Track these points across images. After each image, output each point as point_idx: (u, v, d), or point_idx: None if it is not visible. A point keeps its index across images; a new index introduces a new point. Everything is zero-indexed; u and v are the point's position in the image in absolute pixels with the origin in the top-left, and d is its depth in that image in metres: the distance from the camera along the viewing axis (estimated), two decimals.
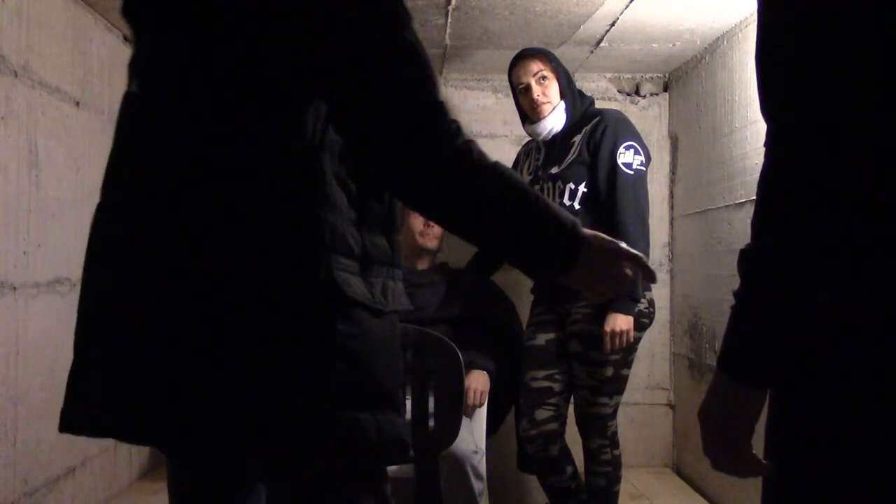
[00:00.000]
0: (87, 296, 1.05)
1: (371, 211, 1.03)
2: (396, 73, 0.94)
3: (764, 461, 0.87)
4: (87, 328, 1.04)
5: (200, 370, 0.94)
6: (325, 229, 0.96)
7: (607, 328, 2.30)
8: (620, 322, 2.30)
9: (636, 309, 2.36)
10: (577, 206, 2.41)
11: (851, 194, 0.77)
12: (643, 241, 2.35)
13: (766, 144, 0.83)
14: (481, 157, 0.99)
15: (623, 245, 1.08)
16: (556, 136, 2.47)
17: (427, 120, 0.95)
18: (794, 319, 0.81)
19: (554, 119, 2.44)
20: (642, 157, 2.40)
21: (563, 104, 2.44)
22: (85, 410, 1.02)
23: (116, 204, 1.03)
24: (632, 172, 2.36)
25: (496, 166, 1.00)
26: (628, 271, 1.09)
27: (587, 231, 1.05)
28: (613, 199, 2.35)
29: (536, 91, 2.42)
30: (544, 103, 2.43)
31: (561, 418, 2.48)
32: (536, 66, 2.43)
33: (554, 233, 1.01)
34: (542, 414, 2.43)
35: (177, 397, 0.95)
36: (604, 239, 1.07)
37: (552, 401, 2.45)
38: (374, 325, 1.01)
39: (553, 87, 2.43)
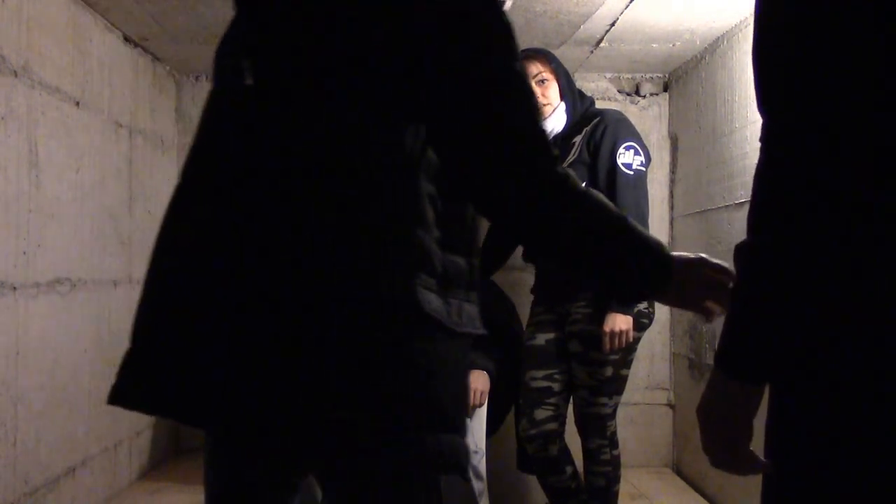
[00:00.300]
0: (157, 276, 1.04)
1: (453, 232, 1.04)
2: (505, 105, 0.97)
3: (762, 459, 0.87)
4: (152, 310, 1.03)
5: (272, 367, 0.94)
6: (414, 245, 0.97)
7: (606, 328, 2.30)
8: (619, 322, 2.30)
9: (636, 309, 2.36)
10: None
11: (851, 194, 0.77)
12: None
13: (761, 139, 0.83)
14: (576, 184, 1.01)
15: (705, 256, 1.10)
16: (556, 136, 2.47)
17: (531, 152, 0.98)
18: (793, 318, 0.81)
19: (554, 120, 2.44)
20: (642, 158, 2.40)
21: (563, 105, 2.44)
22: (138, 388, 1.03)
23: (203, 192, 1.03)
24: (631, 173, 2.36)
25: (588, 194, 1.04)
26: (723, 281, 1.09)
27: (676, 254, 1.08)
28: (613, 200, 2.34)
29: (536, 93, 2.42)
30: (544, 105, 2.43)
31: (560, 418, 2.48)
32: (536, 68, 2.43)
33: (646, 257, 1.04)
34: (541, 414, 2.44)
35: (247, 391, 0.95)
36: (687, 256, 1.10)
37: (551, 401, 2.45)
38: (447, 345, 1.01)
39: (553, 89, 2.43)
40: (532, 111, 0.99)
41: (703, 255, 1.11)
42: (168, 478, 3.10)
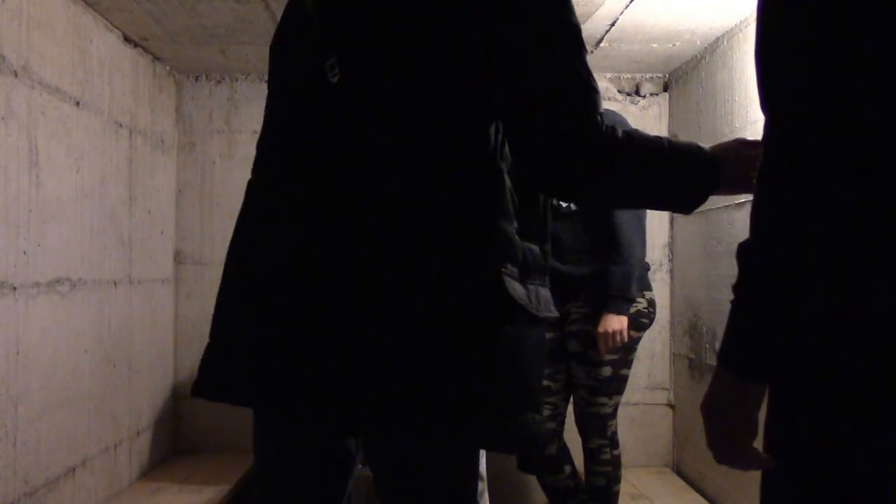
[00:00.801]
0: (240, 268, 1.09)
1: (528, 221, 1.11)
2: (568, 101, 1.04)
3: (765, 455, 0.87)
4: (239, 303, 1.08)
5: (374, 355, 0.99)
6: (502, 237, 1.04)
7: (601, 329, 2.31)
8: (613, 322, 2.30)
9: (635, 309, 2.37)
10: (573, 207, 2.42)
11: (851, 194, 0.77)
12: (638, 243, 2.35)
13: (763, 140, 0.83)
14: (621, 146, 1.07)
15: (740, 138, 1.17)
16: None
17: (589, 141, 1.05)
18: (794, 316, 0.82)
19: None
20: None
21: None
22: (234, 380, 1.07)
23: (288, 185, 1.07)
24: None
25: (632, 140, 1.09)
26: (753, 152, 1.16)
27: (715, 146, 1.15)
28: None
29: None
30: None
31: (559, 417, 2.48)
32: None
33: (693, 168, 1.11)
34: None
35: (350, 381, 0.99)
36: (725, 145, 1.16)
37: (550, 400, 2.45)
38: (531, 330, 1.07)
39: None
40: (590, 108, 1.05)
41: (738, 137, 1.18)
42: (168, 478, 3.10)
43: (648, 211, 2.44)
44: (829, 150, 0.77)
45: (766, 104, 0.84)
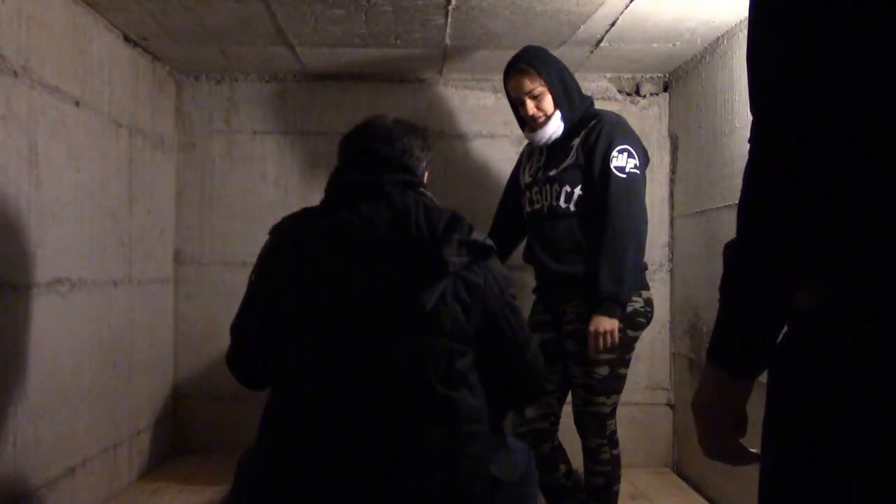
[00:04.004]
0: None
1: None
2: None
3: (752, 451, 0.90)
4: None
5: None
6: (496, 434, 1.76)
7: (591, 328, 2.31)
8: (604, 323, 2.30)
9: (632, 308, 2.37)
10: (572, 208, 2.42)
11: (835, 192, 0.78)
12: (633, 246, 2.33)
13: (749, 140, 0.86)
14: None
15: None
16: (555, 141, 2.48)
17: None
18: (780, 314, 0.84)
19: (550, 129, 2.45)
20: (636, 161, 2.39)
21: (558, 113, 2.44)
22: None
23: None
24: (624, 176, 2.35)
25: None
26: None
27: None
28: (606, 203, 2.35)
29: (531, 107, 2.43)
30: (539, 117, 2.44)
31: (552, 417, 2.48)
32: (528, 84, 2.43)
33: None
34: (531, 412, 2.45)
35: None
36: None
37: (544, 399, 2.46)
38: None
39: (546, 101, 2.44)
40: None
41: None
42: (168, 478, 3.10)
43: (648, 210, 2.44)
44: (814, 149, 0.79)
45: (753, 104, 0.86)
